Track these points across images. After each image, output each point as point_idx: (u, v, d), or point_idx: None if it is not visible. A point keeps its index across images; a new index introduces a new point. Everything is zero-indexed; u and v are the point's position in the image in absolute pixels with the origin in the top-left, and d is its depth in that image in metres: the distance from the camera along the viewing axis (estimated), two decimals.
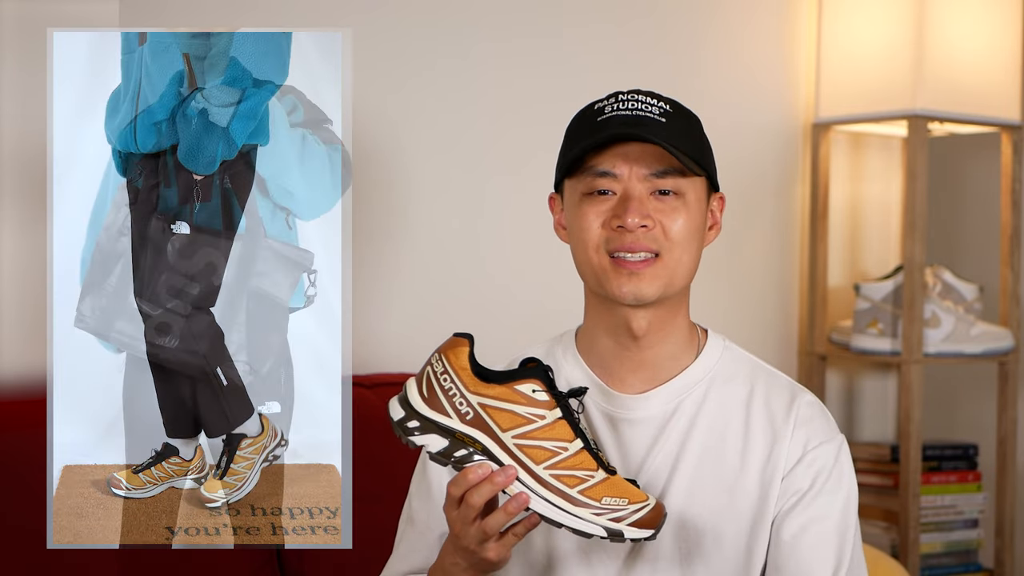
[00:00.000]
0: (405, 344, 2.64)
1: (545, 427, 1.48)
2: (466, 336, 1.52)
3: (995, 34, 3.02)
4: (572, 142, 1.64)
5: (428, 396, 1.51)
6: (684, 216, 1.60)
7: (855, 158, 3.27)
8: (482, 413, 1.49)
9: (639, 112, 1.60)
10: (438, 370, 1.51)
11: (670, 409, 1.64)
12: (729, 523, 1.62)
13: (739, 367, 1.69)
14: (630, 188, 1.59)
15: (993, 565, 3.14)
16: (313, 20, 2.53)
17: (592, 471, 1.49)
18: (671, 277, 1.61)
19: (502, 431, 1.48)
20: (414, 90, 2.66)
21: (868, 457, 3.12)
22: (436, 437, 1.50)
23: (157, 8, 2.39)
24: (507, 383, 1.49)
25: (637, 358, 1.65)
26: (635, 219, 1.57)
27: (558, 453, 1.48)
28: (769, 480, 1.62)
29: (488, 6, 2.74)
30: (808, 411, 1.66)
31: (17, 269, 2.20)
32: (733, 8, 3.06)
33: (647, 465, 1.63)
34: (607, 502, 1.48)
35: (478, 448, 1.49)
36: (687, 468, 1.62)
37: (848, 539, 1.63)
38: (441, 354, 1.52)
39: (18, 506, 1.97)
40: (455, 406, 1.49)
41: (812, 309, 3.15)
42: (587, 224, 1.60)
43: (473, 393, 1.49)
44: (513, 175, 2.77)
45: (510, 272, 2.76)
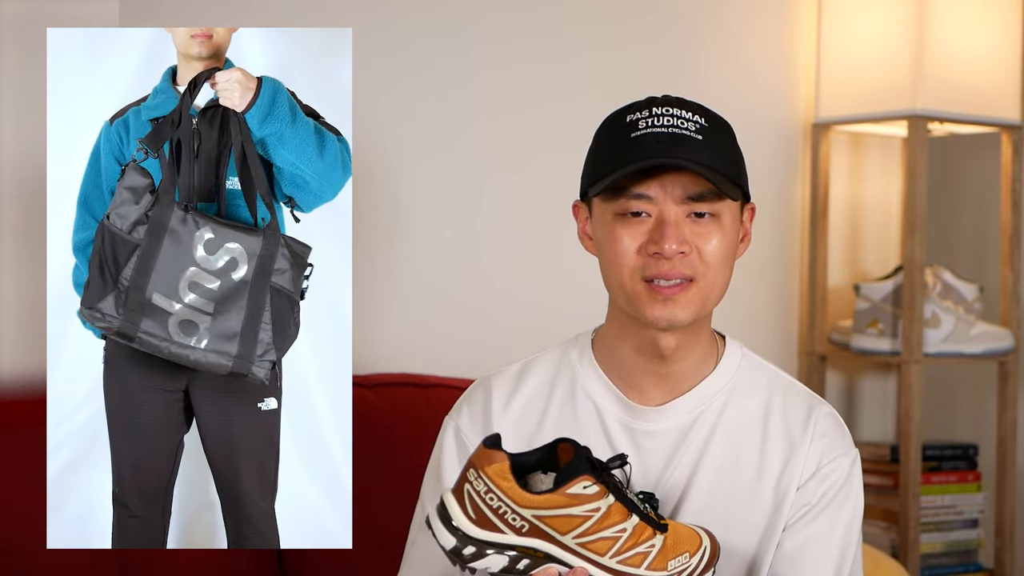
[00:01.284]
0: (405, 344, 2.64)
1: (602, 517, 1.43)
2: (497, 445, 1.44)
3: (995, 34, 3.02)
4: (604, 157, 1.58)
5: (476, 517, 1.42)
6: (719, 238, 1.57)
7: (855, 158, 3.27)
8: (538, 524, 1.42)
9: (675, 129, 1.55)
10: (480, 489, 1.42)
11: (690, 420, 1.63)
12: (742, 534, 1.61)
13: (758, 377, 1.67)
14: (666, 212, 1.55)
15: (993, 565, 3.13)
16: (312, 20, 2.53)
17: (651, 540, 1.46)
18: (705, 300, 1.58)
19: (562, 535, 1.43)
20: (413, 89, 2.66)
21: (868, 457, 3.12)
22: (496, 557, 1.43)
23: (157, 8, 2.39)
24: (558, 489, 1.42)
25: (661, 372, 1.63)
26: (672, 245, 1.54)
27: (619, 537, 1.44)
28: (784, 492, 1.61)
29: (488, 5, 2.74)
30: (825, 424, 1.64)
31: (17, 269, 2.20)
32: (733, 8, 3.06)
33: (666, 476, 1.62)
34: (672, 566, 1.46)
35: (540, 556, 1.44)
36: (704, 480, 1.61)
37: (849, 554, 1.63)
38: (480, 471, 1.42)
39: (18, 506, 1.97)
40: (508, 522, 1.42)
41: (812, 309, 3.15)
42: (621, 248, 1.56)
43: (525, 507, 1.42)
44: (513, 175, 2.77)
45: (509, 272, 2.76)
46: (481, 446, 1.43)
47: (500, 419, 1.66)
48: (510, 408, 1.66)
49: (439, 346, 2.67)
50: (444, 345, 2.67)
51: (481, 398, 1.69)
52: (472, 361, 2.56)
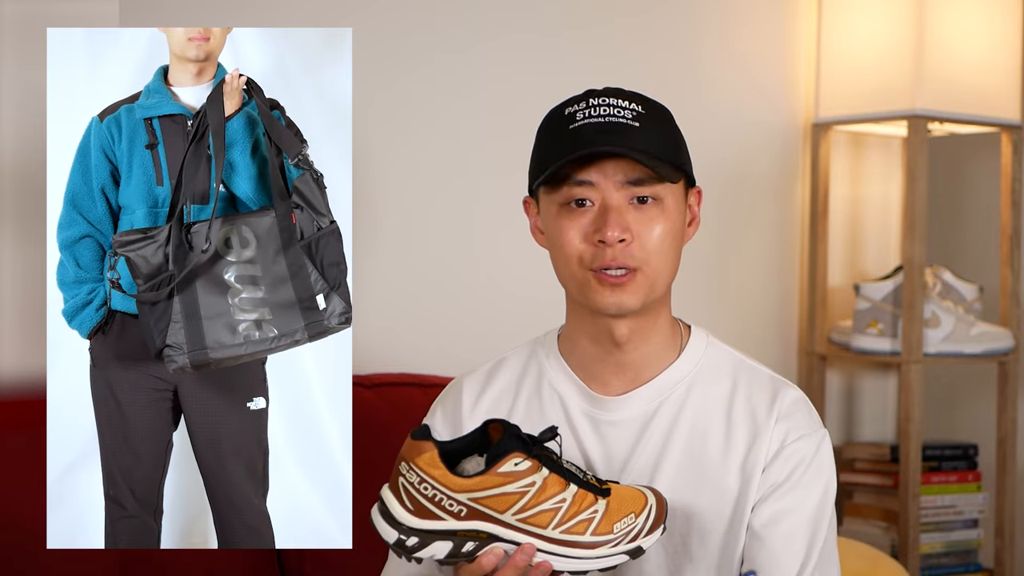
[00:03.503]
0: (405, 344, 2.64)
1: (539, 491, 1.45)
2: (426, 435, 1.46)
3: (995, 34, 3.02)
4: (545, 150, 1.62)
5: (415, 508, 1.45)
6: (663, 223, 1.60)
7: (855, 158, 3.27)
8: (476, 506, 1.44)
9: (612, 118, 1.59)
10: (413, 480, 1.45)
11: (652, 409, 1.65)
12: (712, 520, 1.62)
13: (721, 363, 1.68)
14: (608, 198, 1.58)
15: (993, 565, 3.13)
16: (311, 19, 2.53)
17: (593, 506, 1.47)
18: (652, 286, 1.60)
19: (501, 513, 1.45)
20: (410, 88, 2.66)
21: (868, 457, 3.12)
22: (439, 544, 1.46)
23: (156, 8, 2.39)
24: (489, 470, 1.44)
25: (619, 361, 1.65)
26: (614, 232, 1.57)
27: (559, 508, 1.46)
28: (749, 475, 1.62)
29: (487, 5, 2.74)
30: (790, 406, 1.65)
31: (17, 268, 2.20)
32: (733, 8, 3.06)
33: (630, 465, 1.63)
34: (618, 528, 1.48)
35: (483, 537, 1.46)
36: (669, 467, 1.63)
37: (820, 534, 1.63)
38: (411, 463, 1.45)
39: (18, 506, 1.97)
40: (445, 509, 1.44)
41: (812, 309, 3.15)
42: (567, 239, 1.60)
43: (460, 492, 1.44)
44: (511, 175, 2.76)
45: (507, 271, 2.76)
46: (409, 438, 1.46)
47: (469, 417, 1.70)
48: (479, 406, 1.71)
49: (439, 346, 2.67)
50: (444, 345, 2.67)
51: (452, 398, 1.74)
52: (471, 360, 2.53)
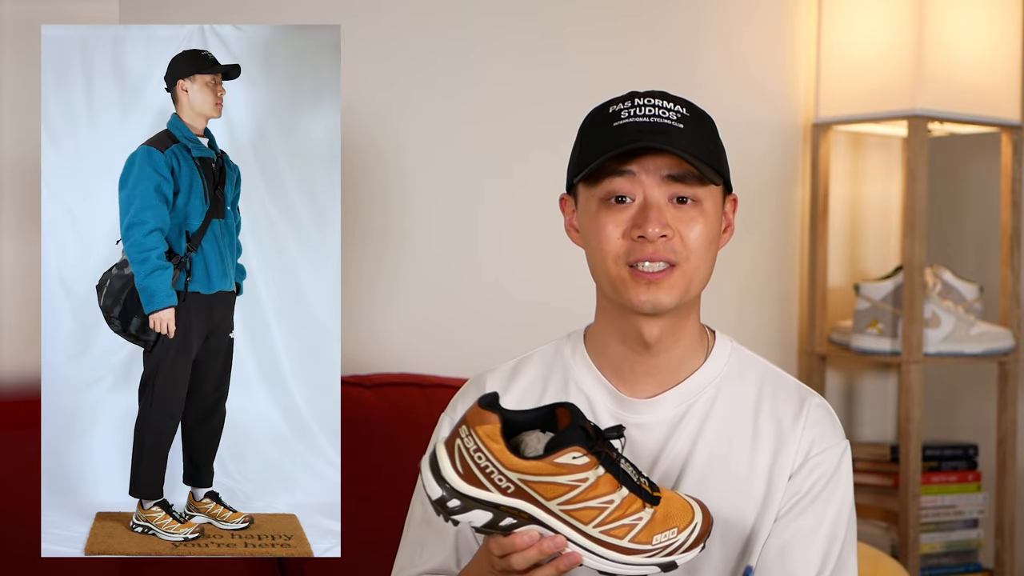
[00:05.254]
0: (405, 344, 2.64)
1: (590, 487, 1.44)
2: (493, 404, 1.45)
3: (995, 34, 3.01)
4: (588, 147, 1.62)
5: (464, 472, 1.44)
6: (702, 224, 1.60)
7: (855, 158, 3.27)
8: (524, 487, 1.44)
9: (657, 118, 1.58)
10: (470, 446, 1.44)
11: (680, 412, 1.64)
12: (735, 524, 1.62)
13: (748, 369, 1.69)
14: (649, 195, 1.58)
15: (993, 565, 3.13)
16: (311, 18, 2.53)
17: (639, 512, 1.47)
18: (688, 285, 1.60)
19: (547, 500, 1.44)
20: (410, 88, 2.65)
21: (868, 457, 3.12)
22: (479, 512, 1.45)
23: (156, 7, 2.39)
24: (546, 457, 1.43)
25: (649, 363, 1.65)
26: (655, 229, 1.56)
27: (605, 508, 1.45)
28: (775, 482, 1.63)
29: (487, 4, 2.74)
30: (816, 415, 1.66)
31: (17, 269, 2.20)
32: (733, 8, 3.05)
33: (657, 468, 1.63)
34: (657, 540, 1.47)
35: (524, 517, 1.45)
36: (695, 471, 1.62)
37: (836, 544, 1.63)
38: (472, 429, 1.44)
39: (18, 506, 1.97)
40: (494, 481, 1.44)
41: (812, 309, 3.15)
42: (606, 235, 1.59)
43: (512, 471, 1.43)
44: (511, 174, 2.77)
45: (508, 272, 2.76)
46: (475, 404, 1.45)
47: None
48: (504, 403, 1.67)
49: (439, 346, 2.66)
50: (444, 345, 2.67)
51: (475, 394, 1.70)
52: (472, 361, 2.55)
